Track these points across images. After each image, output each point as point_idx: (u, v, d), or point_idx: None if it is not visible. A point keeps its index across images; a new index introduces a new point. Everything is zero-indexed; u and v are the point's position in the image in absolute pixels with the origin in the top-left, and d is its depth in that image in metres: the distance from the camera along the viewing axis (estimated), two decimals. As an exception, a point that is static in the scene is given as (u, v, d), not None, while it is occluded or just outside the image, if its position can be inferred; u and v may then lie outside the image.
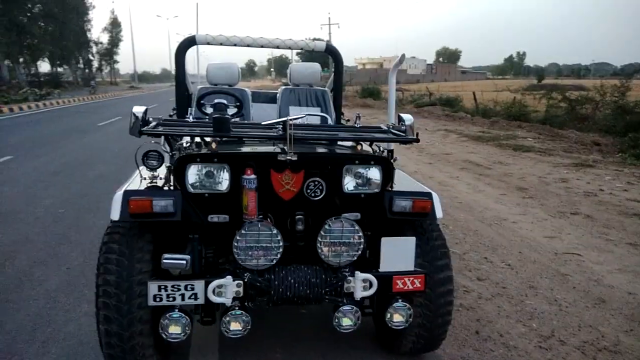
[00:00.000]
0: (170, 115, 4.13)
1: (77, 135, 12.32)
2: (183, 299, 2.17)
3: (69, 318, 3.13)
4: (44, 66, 48.65)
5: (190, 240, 2.40)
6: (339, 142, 2.80)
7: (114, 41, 60.41)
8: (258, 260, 2.21)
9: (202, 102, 3.47)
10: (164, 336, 2.18)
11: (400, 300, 2.36)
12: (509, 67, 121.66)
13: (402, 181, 2.91)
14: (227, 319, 2.19)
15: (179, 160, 2.26)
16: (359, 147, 2.50)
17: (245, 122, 2.79)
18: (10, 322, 3.08)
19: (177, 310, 2.18)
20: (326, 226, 2.27)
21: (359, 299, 2.31)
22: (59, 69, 50.00)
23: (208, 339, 2.90)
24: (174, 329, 2.16)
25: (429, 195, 2.50)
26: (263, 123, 2.62)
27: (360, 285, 2.29)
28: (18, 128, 14.06)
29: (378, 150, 2.79)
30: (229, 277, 2.18)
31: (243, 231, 2.18)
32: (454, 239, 4.89)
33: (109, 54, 60.16)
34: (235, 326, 2.20)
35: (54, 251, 4.31)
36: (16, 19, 37.23)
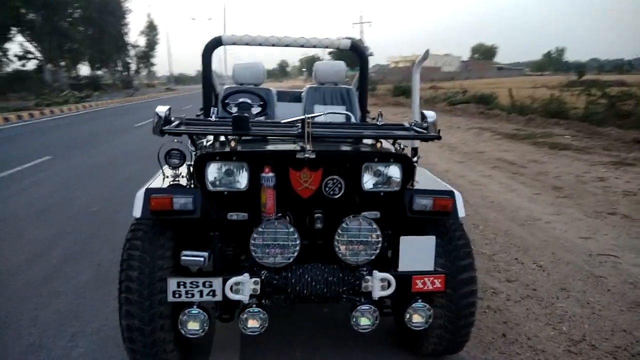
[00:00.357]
0: (197, 115, 4.18)
1: (115, 136, 12.67)
2: (201, 296, 2.18)
3: (97, 314, 3.21)
4: (84, 69, 50.22)
5: (211, 238, 2.42)
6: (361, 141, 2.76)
7: (151, 44, 61.79)
8: (275, 258, 2.21)
9: (226, 101, 3.50)
10: (183, 332, 2.20)
11: (420, 301, 2.31)
12: (548, 63, 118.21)
13: (426, 180, 2.86)
14: (245, 316, 2.20)
15: (198, 158, 2.28)
16: (378, 145, 2.46)
17: (266, 120, 2.79)
18: (42, 316, 3.18)
19: (195, 306, 2.19)
20: (344, 224, 2.24)
21: (377, 299, 2.27)
22: (98, 72, 51.52)
23: (230, 337, 2.92)
24: (193, 325, 2.18)
25: (450, 193, 2.44)
26: (282, 121, 2.62)
27: (379, 284, 2.25)
28: (58, 129, 14.57)
29: (399, 148, 2.74)
30: (246, 275, 2.18)
31: (260, 229, 2.18)
32: (483, 239, 4.78)
33: (145, 56, 61.56)
34: (252, 324, 2.20)
35: (85, 248, 4.43)
36: (57, 24, 38.59)
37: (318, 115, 2.59)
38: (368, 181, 2.38)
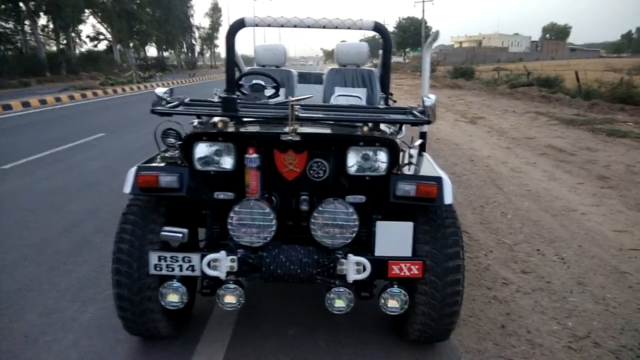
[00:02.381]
0: (215, 94, 4.30)
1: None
2: (181, 270, 2.29)
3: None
4: (152, 51, 52.28)
5: (201, 216, 2.51)
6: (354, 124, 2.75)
7: (215, 26, 63.26)
8: (251, 237, 2.27)
9: (240, 82, 3.57)
10: (163, 303, 2.32)
11: (396, 286, 2.30)
12: (626, 44, 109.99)
13: (425, 166, 2.81)
14: (222, 292, 2.28)
15: (186, 138, 2.37)
16: (365, 129, 2.44)
17: (256, 102, 2.84)
18: (63, 283, 3.43)
19: (176, 280, 2.30)
20: (319, 207, 2.26)
21: (351, 282, 2.28)
22: (165, 54, 53.46)
23: (227, 312, 3.03)
24: (172, 298, 2.30)
25: (437, 180, 2.38)
26: (272, 103, 2.65)
27: (353, 267, 2.26)
28: (116, 108, 15.33)
29: (394, 132, 2.70)
30: (223, 252, 2.26)
31: (236, 208, 2.25)
32: (509, 229, 4.63)
33: (209, 38, 63.16)
34: (229, 299, 2.29)
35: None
36: (126, 7, 40.29)
37: (305, 98, 2.60)
38: (353, 165, 2.38)
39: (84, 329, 2.86)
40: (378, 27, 4.05)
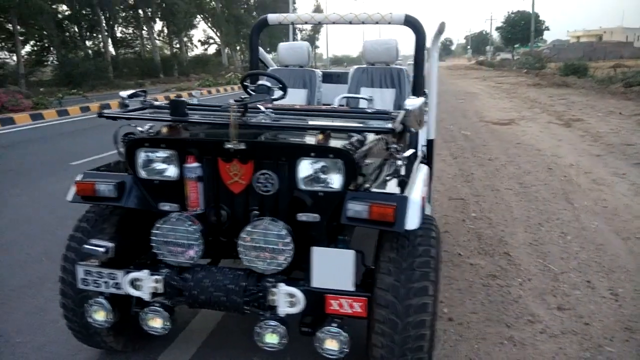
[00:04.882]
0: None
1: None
2: (107, 287, 2.15)
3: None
4: (257, 52, 54.51)
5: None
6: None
7: (316, 27, 64.26)
8: (177, 257, 2.06)
9: (244, 83, 3.42)
10: (90, 320, 2.18)
11: (335, 325, 1.96)
12: None
13: (413, 182, 2.41)
14: (143, 314, 2.11)
15: (128, 144, 2.22)
16: (320, 137, 2.13)
17: (209, 105, 2.65)
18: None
19: (102, 297, 2.16)
20: (248, 227, 2.00)
21: (282, 316, 1.98)
22: (270, 55, 55.46)
23: (197, 330, 2.87)
24: (97, 316, 2.16)
25: (397, 199, 1.99)
26: (225, 106, 2.43)
27: (285, 299, 1.96)
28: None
29: (350, 141, 2.31)
30: (146, 272, 2.08)
31: (158, 224, 2.06)
32: (562, 253, 3.97)
33: (311, 39, 64.29)
34: (152, 323, 2.11)
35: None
36: (234, 12, 42.37)
37: (256, 101, 2.35)
38: (304, 178, 2.08)
39: (58, 333, 2.84)
40: (409, 21, 3.67)
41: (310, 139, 2.21)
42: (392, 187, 2.19)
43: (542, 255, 3.94)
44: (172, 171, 2.19)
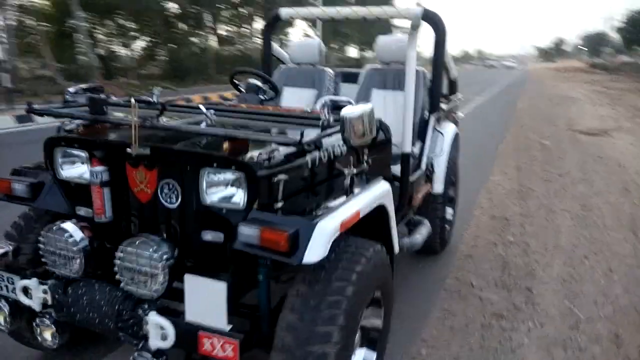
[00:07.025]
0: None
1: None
2: (7, 291, 2.04)
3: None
4: (353, 51, 54.43)
5: None
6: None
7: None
8: (59, 269, 1.91)
9: (234, 80, 3.29)
10: None
11: None
12: None
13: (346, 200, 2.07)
14: (35, 324, 1.98)
15: (45, 142, 2.12)
16: (225, 146, 1.86)
17: (192, 105, 2.48)
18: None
19: (4, 300, 2.06)
20: (123, 244, 1.79)
21: (153, 349, 1.74)
22: (365, 54, 55.22)
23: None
24: None
25: (296, 224, 1.67)
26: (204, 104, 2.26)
27: (157, 331, 1.72)
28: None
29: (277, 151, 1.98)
30: (35, 280, 1.95)
31: (42, 232, 1.92)
32: (598, 294, 3.34)
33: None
34: (45, 334, 1.98)
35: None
36: (332, 11, 42.75)
37: (154, 103, 2.14)
38: (208, 192, 1.83)
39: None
40: (428, 16, 3.27)
41: (213, 148, 1.95)
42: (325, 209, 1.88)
43: (571, 295, 3.33)
44: (84, 173, 2.05)
